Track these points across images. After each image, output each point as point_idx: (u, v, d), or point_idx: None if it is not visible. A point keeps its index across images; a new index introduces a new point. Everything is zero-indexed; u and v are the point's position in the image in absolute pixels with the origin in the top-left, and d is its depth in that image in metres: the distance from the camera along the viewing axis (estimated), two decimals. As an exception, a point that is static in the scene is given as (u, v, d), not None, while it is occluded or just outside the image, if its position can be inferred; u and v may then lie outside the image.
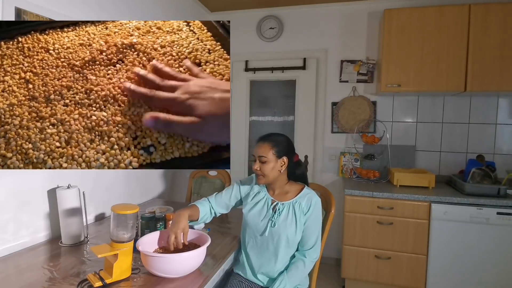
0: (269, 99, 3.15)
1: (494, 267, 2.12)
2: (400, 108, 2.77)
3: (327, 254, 2.87)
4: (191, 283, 1.09)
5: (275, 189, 1.45)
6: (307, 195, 1.41)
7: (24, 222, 1.37)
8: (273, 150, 1.36)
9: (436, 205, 2.17)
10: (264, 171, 1.36)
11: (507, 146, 2.57)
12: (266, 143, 1.38)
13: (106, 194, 1.84)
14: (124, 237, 1.09)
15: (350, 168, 2.83)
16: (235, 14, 3.08)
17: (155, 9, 2.27)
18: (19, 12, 1.30)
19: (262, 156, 1.36)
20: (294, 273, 1.35)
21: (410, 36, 2.39)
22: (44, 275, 1.12)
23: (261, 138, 1.42)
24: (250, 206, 1.44)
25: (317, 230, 1.40)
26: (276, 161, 1.37)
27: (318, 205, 1.40)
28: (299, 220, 1.36)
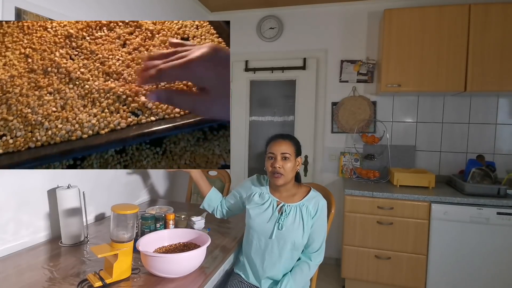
0: (269, 99, 3.15)
1: (494, 267, 2.12)
2: (400, 108, 2.77)
3: (327, 254, 2.83)
4: (191, 283, 1.09)
5: (282, 191, 1.41)
6: (314, 198, 1.39)
7: (24, 222, 1.37)
8: (294, 148, 1.36)
9: (436, 205, 2.17)
10: (286, 169, 1.33)
11: (507, 146, 2.58)
12: (288, 140, 1.37)
13: (106, 194, 1.84)
14: (124, 237, 1.09)
15: (350, 168, 2.83)
16: (235, 14, 3.08)
17: (155, 9, 2.27)
18: (19, 12, 1.30)
19: (286, 153, 1.33)
20: (299, 276, 1.34)
21: (410, 36, 2.39)
22: (44, 275, 1.12)
23: (280, 136, 1.39)
24: (254, 208, 1.40)
25: (323, 233, 1.39)
26: (295, 160, 1.36)
27: (325, 208, 1.39)
28: (306, 223, 1.33)
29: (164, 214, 1.49)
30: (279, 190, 1.41)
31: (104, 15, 1.79)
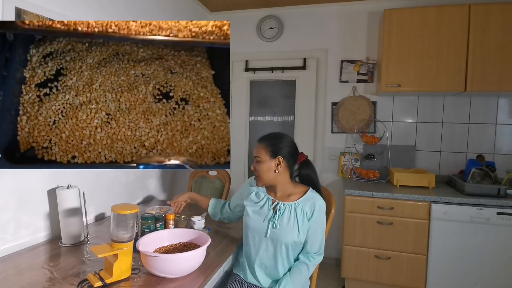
0: (269, 99, 3.14)
1: (494, 267, 2.12)
2: (400, 108, 2.77)
3: (327, 254, 2.83)
4: (191, 283, 1.09)
5: (277, 191, 1.42)
6: (311, 199, 1.37)
7: (24, 222, 1.37)
8: (267, 149, 1.36)
9: (436, 205, 2.17)
10: (259, 171, 1.37)
11: (507, 146, 2.57)
12: (261, 143, 1.39)
13: (106, 194, 1.84)
14: (124, 237, 1.09)
15: (350, 168, 2.83)
16: (235, 14, 3.08)
17: (155, 9, 2.27)
18: (19, 12, 1.30)
19: (256, 156, 1.38)
20: (298, 277, 1.33)
21: (410, 36, 2.39)
22: (44, 275, 1.12)
23: (259, 138, 1.43)
24: (250, 207, 1.42)
25: (322, 234, 1.39)
26: (270, 161, 1.35)
27: (322, 209, 1.38)
28: (302, 224, 1.33)
29: (164, 214, 1.49)
30: (273, 189, 1.42)
31: (104, 15, 1.79)
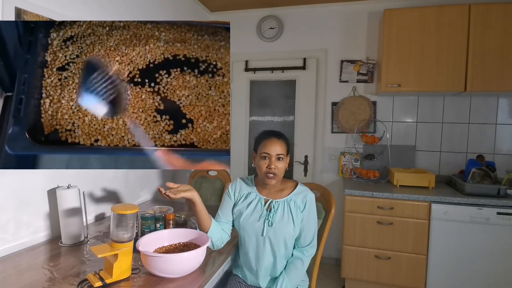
0: (269, 99, 3.15)
1: (494, 267, 2.12)
2: (400, 108, 2.77)
3: (327, 254, 2.87)
4: (191, 283, 1.09)
5: (270, 188, 1.40)
6: (302, 192, 1.40)
7: (24, 222, 1.37)
8: (286, 147, 1.36)
9: (436, 205, 2.17)
10: (281, 169, 1.33)
11: (507, 146, 2.57)
12: (282, 140, 1.34)
13: (106, 194, 1.84)
14: (124, 237, 1.09)
15: (350, 168, 2.83)
16: (235, 14, 3.08)
17: (155, 9, 2.27)
18: (19, 12, 1.30)
19: (281, 154, 1.32)
20: (293, 273, 1.34)
21: (410, 36, 2.39)
22: (44, 275, 1.12)
23: (273, 134, 1.35)
24: (243, 209, 1.39)
25: (314, 226, 1.40)
26: (287, 157, 1.37)
27: (313, 201, 1.40)
28: (296, 217, 1.34)
29: (164, 214, 1.50)
30: (267, 187, 1.40)
31: (104, 15, 1.79)
